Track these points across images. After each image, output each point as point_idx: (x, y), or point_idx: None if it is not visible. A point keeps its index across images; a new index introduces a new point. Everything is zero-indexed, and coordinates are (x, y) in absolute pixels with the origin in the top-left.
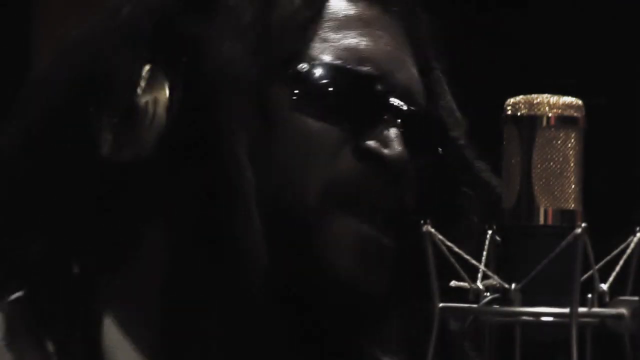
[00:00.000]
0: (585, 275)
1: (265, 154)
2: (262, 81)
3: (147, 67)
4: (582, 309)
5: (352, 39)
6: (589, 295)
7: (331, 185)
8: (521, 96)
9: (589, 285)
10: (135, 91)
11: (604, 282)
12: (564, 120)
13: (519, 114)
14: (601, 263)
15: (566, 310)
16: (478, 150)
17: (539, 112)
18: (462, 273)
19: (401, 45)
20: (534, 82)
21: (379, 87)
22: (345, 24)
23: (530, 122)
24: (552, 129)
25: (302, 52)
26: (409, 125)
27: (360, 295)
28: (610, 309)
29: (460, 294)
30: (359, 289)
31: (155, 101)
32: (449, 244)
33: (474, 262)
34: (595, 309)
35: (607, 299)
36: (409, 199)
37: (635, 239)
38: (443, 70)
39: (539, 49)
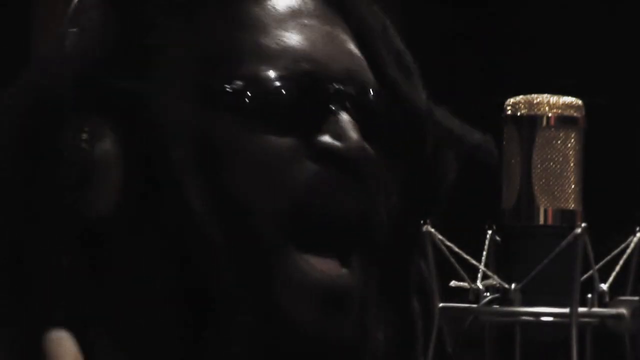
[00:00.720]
0: (585, 275)
1: (221, 190)
2: (204, 116)
3: (89, 127)
4: (582, 309)
5: (280, 39)
6: (589, 295)
7: (293, 199)
8: (521, 96)
9: (589, 285)
10: (83, 150)
11: (604, 282)
12: (564, 120)
13: (519, 114)
14: (601, 263)
15: (566, 310)
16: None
17: (539, 112)
18: (462, 273)
19: (333, 26)
20: (534, 82)
21: (317, 79)
22: (270, 24)
23: (530, 122)
24: (552, 129)
25: (232, 67)
26: (362, 106)
27: (325, 346)
28: (610, 309)
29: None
30: (323, 339)
31: (106, 158)
32: (448, 244)
33: (474, 262)
34: (595, 309)
35: (607, 299)
36: (377, 197)
37: (635, 239)
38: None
39: (539, 49)
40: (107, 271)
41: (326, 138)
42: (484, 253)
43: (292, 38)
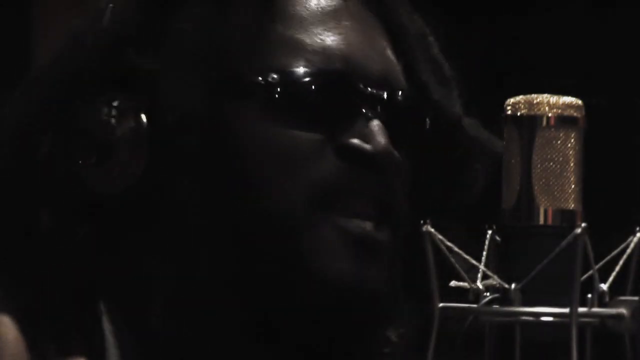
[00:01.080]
0: (585, 275)
1: (234, 173)
2: (219, 103)
3: (115, 103)
4: (582, 309)
5: (318, 37)
6: (589, 295)
7: (315, 191)
8: (521, 96)
9: (589, 285)
10: (108, 128)
11: (604, 282)
12: (564, 120)
13: (519, 114)
14: (601, 263)
15: (566, 310)
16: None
17: (539, 112)
18: (462, 273)
19: (372, 30)
20: (534, 82)
21: (351, 81)
22: (309, 20)
23: (530, 122)
24: (552, 129)
25: (266, 60)
26: (393, 110)
27: (359, 295)
28: (610, 309)
29: (460, 294)
30: (356, 288)
31: (129, 135)
32: (449, 244)
33: (474, 262)
34: (595, 309)
35: (607, 299)
36: (400, 195)
37: (635, 239)
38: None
39: (539, 49)
40: (118, 245)
41: (353, 138)
42: (484, 253)
43: (330, 37)
